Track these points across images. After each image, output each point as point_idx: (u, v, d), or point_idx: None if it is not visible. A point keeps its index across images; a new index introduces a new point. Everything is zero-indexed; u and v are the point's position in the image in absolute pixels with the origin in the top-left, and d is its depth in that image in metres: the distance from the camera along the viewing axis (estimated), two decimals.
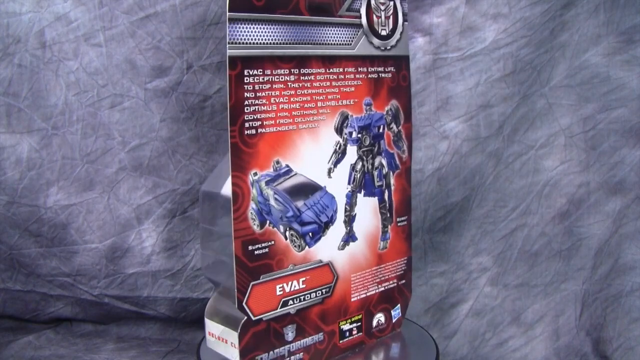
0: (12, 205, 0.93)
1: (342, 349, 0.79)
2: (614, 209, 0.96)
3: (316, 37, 0.70)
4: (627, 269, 0.94)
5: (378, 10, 0.77)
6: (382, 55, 0.77)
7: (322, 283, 0.75)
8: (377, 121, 0.79)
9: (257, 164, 0.67)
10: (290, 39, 0.68)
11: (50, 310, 1.00)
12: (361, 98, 0.75)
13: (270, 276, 0.70)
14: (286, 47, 0.68)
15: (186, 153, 0.94)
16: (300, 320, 0.74)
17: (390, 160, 0.81)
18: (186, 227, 0.97)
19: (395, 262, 0.83)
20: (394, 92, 0.79)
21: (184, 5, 0.89)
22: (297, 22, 0.68)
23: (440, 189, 0.98)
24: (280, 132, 0.68)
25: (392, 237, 0.82)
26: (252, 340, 0.70)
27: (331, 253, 0.76)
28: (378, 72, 0.77)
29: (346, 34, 0.73)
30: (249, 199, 0.67)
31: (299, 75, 0.69)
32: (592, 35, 0.92)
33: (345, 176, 0.76)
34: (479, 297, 1.00)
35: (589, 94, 0.94)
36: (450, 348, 0.99)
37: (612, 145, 0.95)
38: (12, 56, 0.88)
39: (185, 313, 1.00)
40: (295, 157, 0.70)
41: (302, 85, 0.70)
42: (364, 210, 0.79)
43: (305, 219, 0.73)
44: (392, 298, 0.84)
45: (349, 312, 0.79)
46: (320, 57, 0.71)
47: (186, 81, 0.91)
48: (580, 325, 0.98)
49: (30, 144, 0.92)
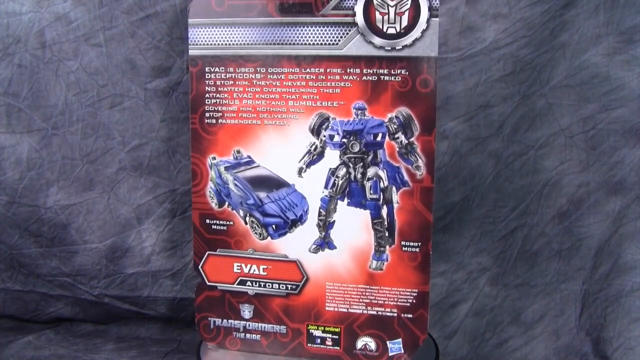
0: (12, 205, 0.93)
1: (310, 353, 0.80)
2: (614, 209, 0.96)
3: (288, 37, 0.73)
4: (627, 269, 0.94)
5: (384, 7, 0.71)
6: (387, 56, 0.72)
7: (288, 278, 0.79)
8: (374, 128, 0.73)
9: (216, 149, 0.78)
10: (256, 39, 0.74)
11: (50, 310, 1.00)
12: (350, 101, 0.73)
13: (227, 252, 0.80)
14: (251, 48, 0.74)
15: (186, 153, 0.94)
16: (260, 305, 0.81)
17: (393, 174, 0.75)
18: (186, 227, 0.97)
19: (396, 290, 0.77)
20: (406, 98, 0.72)
21: (184, 5, 0.89)
22: (263, 24, 0.74)
23: (440, 189, 0.98)
24: (243, 125, 0.76)
25: (392, 261, 0.76)
26: (206, 303, 0.82)
27: (300, 253, 0.78)
28: (379, 74, 0.72)
29: (331, 33, 0.72)
30: (207, 179, 0.78)
31: (267, 74, 0.74)
32: (592, 35, 0.92)
33: (321, 179, 0.75)
34: (478, 297, 1.00)
35: (589, 94, 0.94)
36: (450, 348, 0.99)
37: (612, 145, 0.95)
38: (12, 56, 0.88)
39: (185, 313, 1.00)
40: (258, 150, 0.76)
41: (270, 84, 0.75)
42: (350, 221, 0.76)
43: (269, 211, 0.77)
44: (389, 328, 0.79)
45: (322, 320, 0.79)
46: (294, 57, 0.73)
47: (186, 81, 0.91)
48: (580, 325, 0.98)
49: (30, 144, 0.92)
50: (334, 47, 0.73)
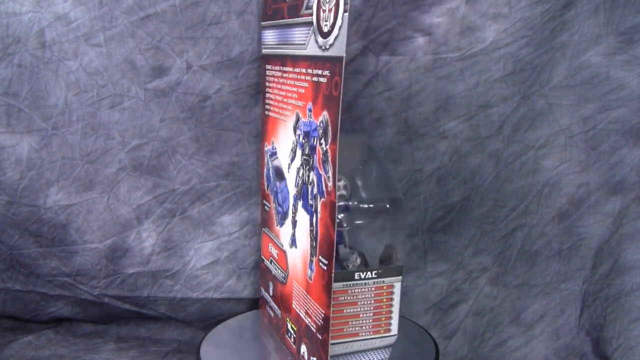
0: (12, 205, 0.93)
1: (287, 344, 0.82)
2: (614, 209, 0.96)
3: (287, 38, 0.76)
4: (627, 269, 0.94)
5: (325, 3, 0.64)
6: (322, 56, 0.65)
7: (281, 266, 0.84)
8: (314, 131, 0.68)
9: (267, 139, 0.87)
10: (277, 40, 0.80)
11: (50, 310, 1.00)
12: (307, 102, 0.71)
13: (266, 228, 0.90)
14: (276, 48, 0.81)
15: (186, 153, 0.94)
16: (271, 279, 0.89)
17: (319, 181, 0.68)
18: (186, 227, 0.97)
19: (317, 306, 0.70)
20: (327, 102, 0.65)
21: (184, 5, 0.89)
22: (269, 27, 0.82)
23: (439, 189, 0.98)
24: (274, 118, 0.83)
25: (315, 273, 0.70)
26: (260, 273, 0.96)
27: (286, 246, 0.81)
28: (318, 76, 0.67)
29: (302, 33, 0.71)
30: (263, 163, 0.89)
31: (282, 72, 0.79)
32: (592, 35, 0.92)
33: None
34: (478, 297, 1.00)
35: (589, 94, 0.94)
36: (450, 348, 0.99)
37: (612, 145, 0.95)
38: (12, 56, 0.88)
39: (185, 313, 1.00)
40: (278, 143, 0.83)
41: (283, 82, 0.79)
42: (304, 224, 0.73)
43: (279, 200, 0.83)
44: (312, 343, 0.73)
45: (291, 316, 0.80)
46: (290, 57, 0.76)
47: (186, 81, 0.91)
48: (580, 325, 0.98)
49: (30, 144, 0.92)
50: (302, 47, 0.71)
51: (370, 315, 0.74)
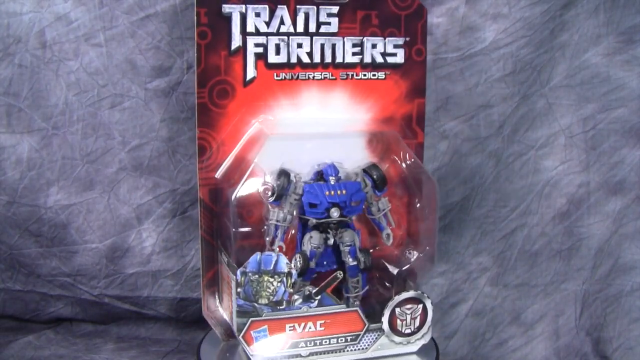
0: (12, 205, 0.93)
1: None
2: (614, 209, 0.96)
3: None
4: (627, 269, 0.94)
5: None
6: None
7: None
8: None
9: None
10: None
11: (50, 310, 1.00)
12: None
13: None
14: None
15: (186, 153, 0.94)
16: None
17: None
18: (186, 227, 0.97)
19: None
20: None
21: (184, 5, 0.89)
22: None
23: (440, 189, 0.98)
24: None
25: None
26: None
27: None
28: None
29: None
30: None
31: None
32: (592, 35, 0.92)
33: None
34: (479, 297, 1.00)
35: (589, 94, 0.94)
36: (450, 348, 0.99)
37: (612, 145, 0.95)
38: (12, 56, 0.88)
39: (185, 313, 1.00)
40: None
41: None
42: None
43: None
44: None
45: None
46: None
47: (186, 81, 0.92)
48: (580, 325, 0.98)
49: (30, 144, 0.92)
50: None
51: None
